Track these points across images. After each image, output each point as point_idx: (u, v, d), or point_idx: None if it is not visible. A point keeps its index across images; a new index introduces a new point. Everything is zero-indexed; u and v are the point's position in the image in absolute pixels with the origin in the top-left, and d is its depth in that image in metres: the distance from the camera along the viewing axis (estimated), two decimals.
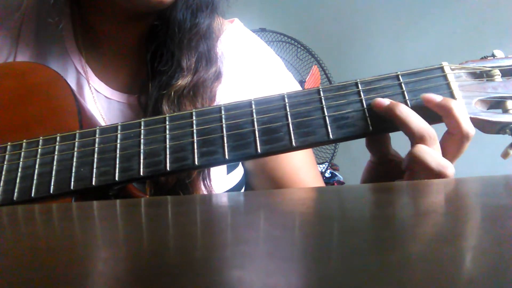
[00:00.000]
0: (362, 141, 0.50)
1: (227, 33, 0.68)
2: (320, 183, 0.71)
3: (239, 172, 0.67)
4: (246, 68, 0.66)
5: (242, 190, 0.68)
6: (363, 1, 2.03)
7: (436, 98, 0.44)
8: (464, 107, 0.44)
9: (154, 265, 0.17)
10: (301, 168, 0.67)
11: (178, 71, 0.59)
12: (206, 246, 0.20)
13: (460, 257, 0.17)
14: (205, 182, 0.58)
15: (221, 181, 0.64)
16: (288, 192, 0.43)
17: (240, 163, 0.67)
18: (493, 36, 1.71)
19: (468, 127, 0.43)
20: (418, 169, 0.43)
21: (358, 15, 2.03)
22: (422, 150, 0.42)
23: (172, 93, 0.57)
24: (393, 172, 0.47)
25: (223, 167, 0.64)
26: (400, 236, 0.20)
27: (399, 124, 0.44)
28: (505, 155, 0.45)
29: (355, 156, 0.50)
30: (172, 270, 0.16)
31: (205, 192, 0.58)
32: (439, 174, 0.42)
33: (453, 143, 0.44)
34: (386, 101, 0.44)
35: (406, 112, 0.43)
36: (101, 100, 0.64)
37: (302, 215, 0.27)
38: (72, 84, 0.63)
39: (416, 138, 0.43)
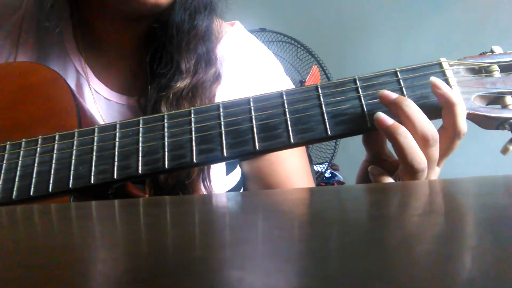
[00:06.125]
0: (361, 141, 0.49)
1: (227, 36, 0.68)
2: None
3: (238, 173, 0.67)
4: (245, 71, 0.66)
5: (241, 191, 0.68)
6: (363, 1, 2.03)
7: (444, 87, 0.43)
8: (464, 105, 0.44)
9: (154, 265, 0.17)
10: (295, 175, 0.68)
11: (177, 73, 0.58)
12: (206, 246, 0.20)
13: (460, 257, 0.17)
14: (205, 182, 0.58)
15: (221, 182, 0.64)
16: (288, 192, 0.43)
17: (238, 165, 0.68)
18: (493, 35, 1.71)
19: (463, 126, 0.43)
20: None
21: (358, 15, 2.03)
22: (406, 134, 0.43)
23: (171, 95, 0.57)
24: (386, 171, 0.47)
25: (223, 168, 0.64)
26: (400, 236, 0.20)
27: (403, 120, 0.43)
28: (504, 150, 0.45)
29: (355, 156, 0.50)
30: (172, 270, 0.16)
31: (205, 193, 0.58)
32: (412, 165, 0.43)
33: (444, 138, 0.44)
34: (393, 95, 0.44)
35: (413, 109, 0.43)
36: (100, 101, 0.64)
37: (302, 215, 0.27)
38: (72, 84, 0.63)
39: (417, 136, 0.43)
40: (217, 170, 0.62)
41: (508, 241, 0.18)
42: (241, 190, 0.69)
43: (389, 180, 0.46)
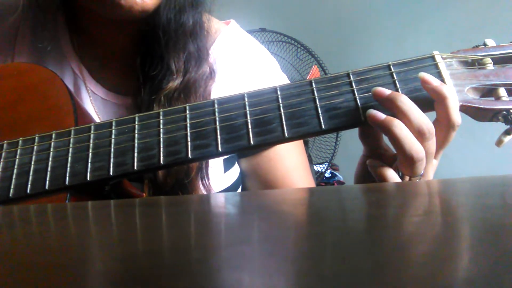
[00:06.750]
0: (358, 136, 0.49)
1: (222, 35, 0.68)
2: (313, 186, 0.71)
3: (235, 171, 0.67)
4: (241, 69, 0.66)
5: (239, 190, 0.69)
6: (363, 1, 2.03)
7: (434, 81, 0.44)
8: (456, 97, 0.44)
9: (152, 265, 0.17)
10: (294, 172, 0.68)
11: (168, 73, 0.58)
12: (204, 247, 0.20)
13: (459, 257, 0.17)
14: (204, 181, 0.58)
15: (218, 179, 0.64)
16: (287, 192, 0.43)
17: (236, 162, 0.68)
18: (493, 35, 1.71)
19: (457, 117, 0.43)
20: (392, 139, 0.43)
21: (358, 15, 2.03)
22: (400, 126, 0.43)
23: (162, 96, 0.57)
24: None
25: (220, 166, 0.64)
26: (399, 236, 0.20)
27: (398, 116, 0.43)
28: (499, 142, 0.45)
29: (355, 156, 0.50)
30: (170, 271, 0.16)
31: (204, 192, 0.58)
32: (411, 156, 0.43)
33: (439, 130, 0.44)
34: (387, 91, 0.44)
35: (408, 104, 0.43)
36: (97, 101, 0.65)
37: (301, 215, 0.27)
38: (69, 85, 0.64)
39: (413, 131, 0.43)
40: (215, 167, 0.63)
41: (506, 242, 0.18)
42: (239, 188, 0.69)
43: (390, 171, 0.45)
